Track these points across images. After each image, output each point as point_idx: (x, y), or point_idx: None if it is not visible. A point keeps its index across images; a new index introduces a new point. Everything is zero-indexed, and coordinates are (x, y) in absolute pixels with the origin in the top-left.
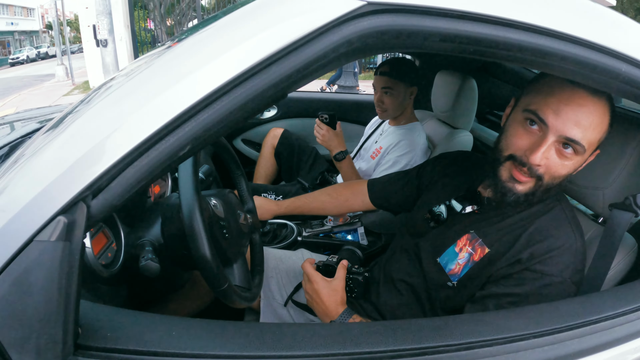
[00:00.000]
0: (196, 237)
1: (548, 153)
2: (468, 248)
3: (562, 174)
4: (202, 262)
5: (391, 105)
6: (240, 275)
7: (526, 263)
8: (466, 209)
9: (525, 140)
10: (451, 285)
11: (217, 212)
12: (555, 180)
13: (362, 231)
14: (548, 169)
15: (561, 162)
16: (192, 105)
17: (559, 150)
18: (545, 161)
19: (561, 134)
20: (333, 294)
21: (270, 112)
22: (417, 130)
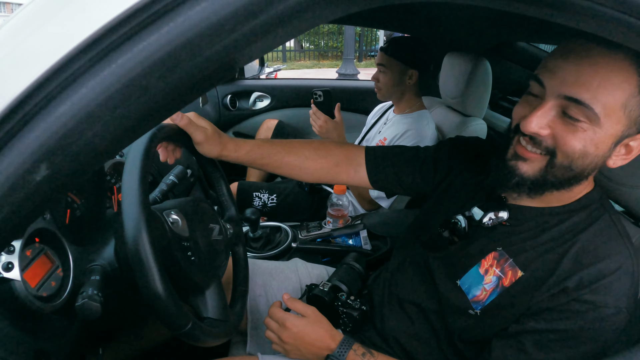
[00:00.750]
0: (144, 269)
1: (548, 119)
2: (496, 270)
3: (576, 150)
4: (154, 301)
5: (384, 85)
6: (214, 304)
7: (574, 293)
8: (491, 219)
9: (528, 107)
10: (473, 314)
11: (178, 231)
12: (572, 162)
13: (365, 234)
14: (556, 140)
15: (571, 131)
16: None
17: (565, 116)
18: (547, 131)
19: (560, 93)
20: (318, 326)
21: (263, 102)
22: (424, 119)
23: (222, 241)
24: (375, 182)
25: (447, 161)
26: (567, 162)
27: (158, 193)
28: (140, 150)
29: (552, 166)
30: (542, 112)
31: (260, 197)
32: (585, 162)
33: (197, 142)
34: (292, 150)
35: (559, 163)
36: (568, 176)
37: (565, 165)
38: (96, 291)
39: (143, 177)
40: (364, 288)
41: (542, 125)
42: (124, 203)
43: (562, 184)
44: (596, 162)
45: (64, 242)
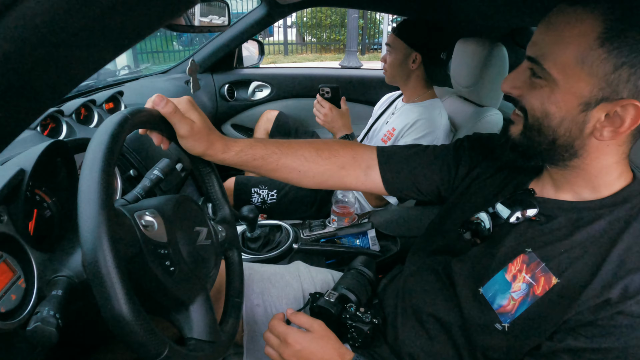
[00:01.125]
0: (103, 285)
1: (520, 80)
2: (526, 276)
3: (535, 107)
4: (117, 325)
5: (389, 66)
6: (200, 323)
7: (618, 305)
8: (519, 215)
9: None
10: (501, 329)
11: (153, 236)
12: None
13: (373, 234)
14: (522, 97)
15: (531, 89)
16: None
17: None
18: (517, 91)
19: (527, 55)
20: (324, 342)
21: (262, 92)
22: (436, 108)
23: (210, 246)
24: (391, 188)
25: (468, 159)
26: (536, 124)
27: (140, 190)
28: (104, 136)
29: (527, 128)
30: (514, 73)
31: (259, 193)
32: (552, 124)
33: (180, 136)
34: (290, 152)
35: (530, 124)
36: (546, 144)
37: (535, 127)
38: (53, 311)
39: (105, 168)
40: (374, 297)
41: (514, 85)
42: (80, 201)
43: (547, 153)
44: (570, 129)
45: (26, 248)
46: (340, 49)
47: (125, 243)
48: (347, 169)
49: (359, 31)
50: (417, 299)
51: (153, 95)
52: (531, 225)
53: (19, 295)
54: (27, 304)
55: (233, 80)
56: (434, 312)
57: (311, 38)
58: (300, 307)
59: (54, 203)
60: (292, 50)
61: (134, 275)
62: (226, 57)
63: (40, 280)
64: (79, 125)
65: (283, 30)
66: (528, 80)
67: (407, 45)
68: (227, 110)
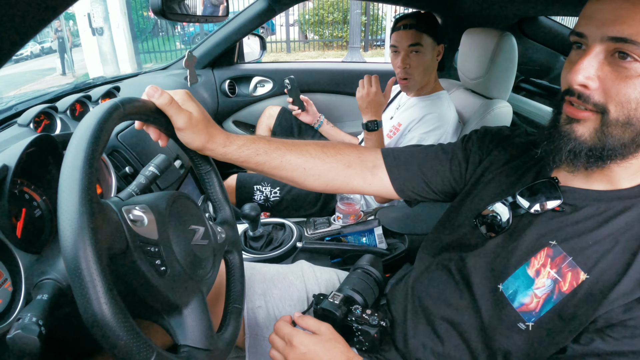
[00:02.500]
0: (83, 284)
1: (595, 67)
2: (551, 271)
3: (631, 98)
4: (97, 328)
5: (418, 69)
6: (194, 329)
7: None
8: (540, 206)
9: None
10: (524, 328)
11: (142, 232)
12: (630, 115)
13: (380, 232)
14: (606, 91)
15: (623, 77)
16: None
17: (613, 62)
18: (595, 82)
19: (602, 36)
20: (331, 346)
21: (264, 88)
22: (444, 100)
23: (207, 247)
24: (400, 187)
25: (478, 150)
26: (623, 117)
27: (135, 187)
28: (90, 125)
29: (607, 124)
30: (587, 59)
31: (261, 191)
32: None
33: (178, 128)
34: (295, 148)
35: (614, 119)
36: (631, 136)
37: (622, 121)
38: (36, 318)
39: (89, 158)
40: (381, 298)
41: (590, 76)
42: (61, 189)
43: (626, 148)
44: None
45: (12, 250)
46: (343, 46)
47: (109, 237)
48: (354, 168)
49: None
50: (428, 300)
51: (147, 87)
52: (555, 216)
53: (6, 299)
54: (14, 308)
55: (234, 75)
56: (446, 314)
57: (313, 35)
58: (304, 308)
59: (44, 202)
60: (295, 48)
61: (120, 275)
62: (227, 52)
63: (28, 283)
64: (73, 121)
65: (285, 28)
66: (607, 67)
67: (433, 40)
68: (229, 106)
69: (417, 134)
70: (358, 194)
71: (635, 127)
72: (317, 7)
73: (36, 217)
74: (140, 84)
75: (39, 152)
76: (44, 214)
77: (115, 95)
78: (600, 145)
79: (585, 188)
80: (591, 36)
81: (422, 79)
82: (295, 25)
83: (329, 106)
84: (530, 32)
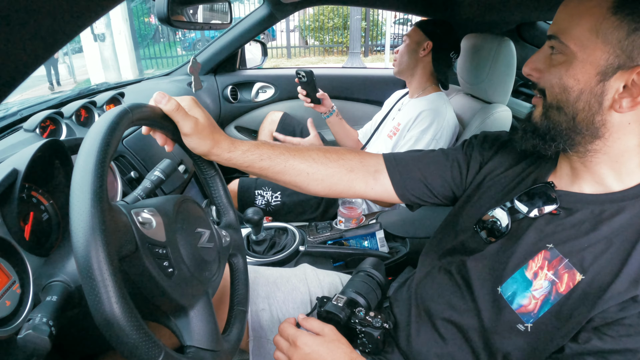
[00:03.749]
0: (94, 284)
1: (539, 61)
2: (548, 273)
3: (554, 83)
4: (108, 327)
5: (400, 55)
6: (201, 330)
7: None
8: (537, 210)
9: None
10: (523, 330)
11: (151, 234)
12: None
13: (382, 235)
14: (542, 78)
15: (549, 66)
16: None
17: (549, 56)
18: (537, 73)
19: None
20: (335, 347)
21: (266, 93)
22: (440, 99)
23: (213, 250)
24: (402, 192)
25: (478, 155)
26: (554, 101)
27: (141, 192)
28: (101, 130)
29: (546, 107)
30: (536, 54)
31: (263, 195)
32: (571, 98)
33: (184, 133)
34: (298, 153)
35: (549, 103)
36: (566, 122)
37: (554, 105)
38: (46, 318)
39: (101, 161)
40: (384, 300)
41: (537, 67)
42: (73, 192)
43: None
44: (589, 102)
45: (20, 252)
46: (343, 51)
47: (119, 239)
48: (356, 172)
49: (362, 33)
50: (430, 302)
51: (155, 93)
52: (552, 220)
53: (14, 301)
54: (22, 310)
55: (236, 81)
56: (449, 316)
57: (314, 41)
58: (308, 311)
59: (51, 205)
60: (295, 54)
61: (129, 276)
62: (229, 58)
63: (36, 285)
64: (79, 127)
65: (286, 34)
66: (548, 60)
67: (422, 33)
68: (231, 111)
69: (415, 133)
70: (360, 198)
71: (565, 112)
72: (318, 13)
73: (43, 220)
74: (144, 90)
75: (46, 156)
76: (52, 217)
77: (120, 101)
78: (545, 127)
79: (580, 192)
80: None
81: (401, 63)
82: (296, 31)
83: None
84: (529, 37)
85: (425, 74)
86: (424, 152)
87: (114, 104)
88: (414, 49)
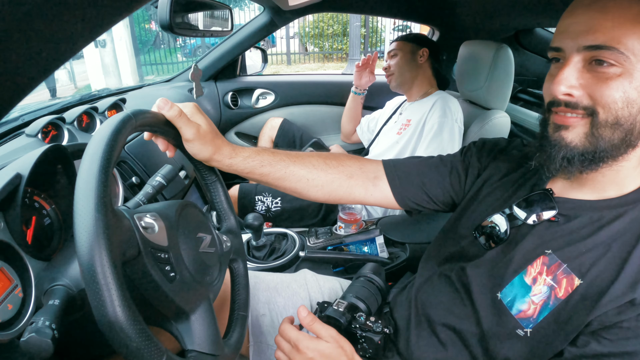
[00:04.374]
0: (97, 287)
1: (575, 76)
2: (547, 278)
3: (617, 99)
4: (110, 330)
5: (396, 67)
6: (202, 334)
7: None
8: (536, 217)
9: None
10: (522, 335)
11: (153, 238)
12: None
13: (382, 241)
14: (592, 95)
15: (604, 80)
16: None
17: (591, 69)
18: (579, 90)
19: (578, 46)
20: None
21: (266, 100)
22: (447, 97)
23: (214, 254)
24: (401, 198)
25: (477, 162)
26: (612, 118)
27: (142, 197)
28: (105, 135)
29: (597, 126)
30: (567, 70)
31: (263, 201)
32: (633, 112)
33: (186, 140)
34: (298, 159)
35: (604, 120)
36: (620, 136)
37: (611, 122)
38: (49, 322)
39: (105, 167)
40: (384, 305)
41: (572, 84)
42: (77, 196)
43: (617, 149)
44: None
45: (23, 256)
46: (343, 58)
47: (123, 243)
48: (356, 179)
49: (361, 40)
50: (430, 308)
51: (158, 99)
52: (550, 226)
53: (16, 305)
54: (24, 314)
55: (237, 88)
56: (449, 322)
57: (314, 48)
58: None
59: (53, 210)
60: (295, 60)
61: (131, 280)
62: (229, 65)
63: (38, 289)
64: (80, 132)
65: (286, 40)
66: (588, 74)
67: (412, 44)
68: (231, 118)
69: (436, 119)
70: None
71: (624, 127)
72: (317, 20)
73: (45, 225)
74: (145, 96)
75: (48, 161)
76: (53, 222)
77: (121, 107)
78: (592, 148)
79: (579, 198)
80: (567, 48)
81: (402, 75)
82: (296, 38)
83: (330, 117)
84: (527, 43)
85: (425, 80)
86: (423, 158)
87: (115, 109)
88: (410, 58)
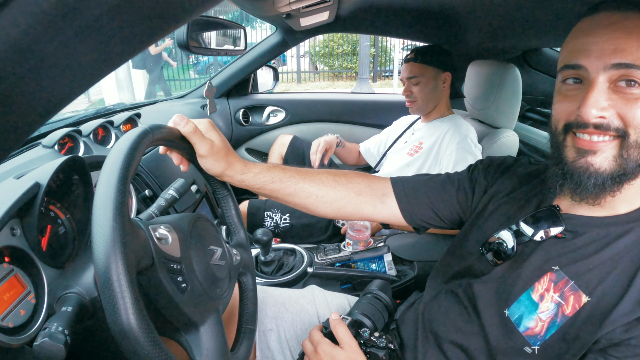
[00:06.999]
0: (113, 295)
1: (604, 97)
2: (554, 295)
3: None
4: (123, 338)
5: (421, 95)
6: (210, 345)
7: None
8: (543, 233)
9: (573, 99)
10: (530, 352)
11: (167, 249)
12: None
13: (390, 258)
14: (622, 117)
15: (634, 101)
16: None
17: (620, 90)
18: (610, 111)
19: (605, 65)
20: None
21: (277, 117)
22: (461, 120)
23: (224, 267)
24: (408, 215)
25: (483, 179)
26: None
27: (155, 209)
28: (124, 148)
29: (627, 147)
30: (595, 92)
31: (271, 217)
32: None
33: (200, 155)
34: (308, 176)
35: (634, 141)
36: None
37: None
38: (62, 327)
39: (123, 178)
40: (391, 322)
41: (603, 106)
42: (96, 206)
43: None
44: None
45: (37, 264)
46: (352, 77)
47: (138, 253)
48: (364, 196)
49: (371, 59)
50: (437, 325)
51: (174, 115)
52: (557, 243)
53: (28, 310)
54: (36, 320)
55: (248, 105)
56: (456, 339)
57: (323, 66)
58: None
59: (68, 220)
60: (305, 79)
61: (144, 289)
62: (242, 83)
63: (50, 296)
64: (96, 145)
65: (296, 59)
66: (615, 95)
67: (435, 68)
68: (242, 134)
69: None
70: (368, 220)
71: None
72: (327, 40)
73: (60, 234)
74: (159, 111)
75: (66, 172)
76: (68, 231)
77: (136, 121)
78: (621, 171)
79: (586, 215)
80: (592, 67)
81: (427, 104)
82: (306, 57)
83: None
84: (535, 63)
85: (444, 103)
86: (430, 176)
87: (130, 124)
88: (434, 85)
